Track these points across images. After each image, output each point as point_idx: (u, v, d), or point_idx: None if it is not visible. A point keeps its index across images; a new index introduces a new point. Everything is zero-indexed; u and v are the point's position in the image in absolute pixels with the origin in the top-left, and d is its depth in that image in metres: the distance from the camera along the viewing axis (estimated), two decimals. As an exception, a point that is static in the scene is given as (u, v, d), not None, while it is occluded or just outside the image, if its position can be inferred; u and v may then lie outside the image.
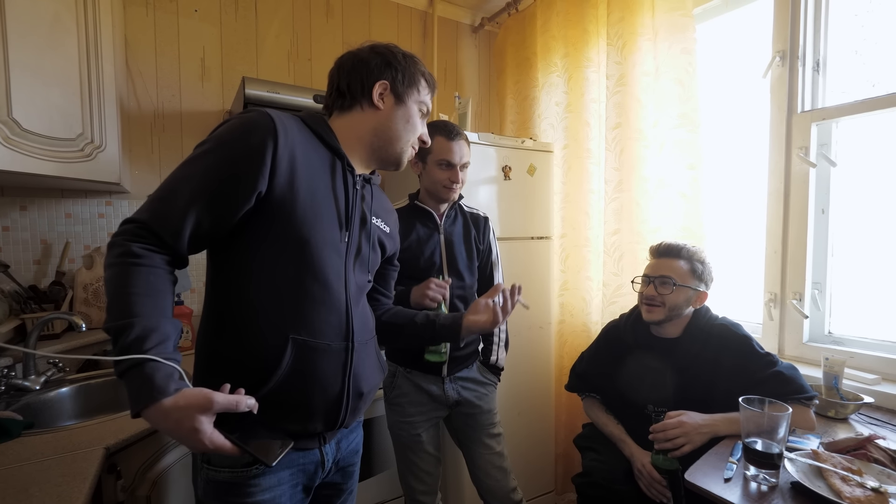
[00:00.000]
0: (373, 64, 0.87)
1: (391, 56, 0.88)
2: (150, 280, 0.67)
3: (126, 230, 0.69)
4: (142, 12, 1.73)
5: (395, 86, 0.88)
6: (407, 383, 1.35)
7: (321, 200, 0.80)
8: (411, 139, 0.92)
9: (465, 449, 1.45)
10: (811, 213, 1.44)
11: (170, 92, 1.79)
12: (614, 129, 1.75)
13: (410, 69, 0.90)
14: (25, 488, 0.80)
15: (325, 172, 0.82)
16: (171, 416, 0.63)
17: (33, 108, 1.18)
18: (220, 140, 0.74)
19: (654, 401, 1.26)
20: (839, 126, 1.42)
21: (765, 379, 1.13)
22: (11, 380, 1.26)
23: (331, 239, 0.81)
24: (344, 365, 0.82)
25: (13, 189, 1.50)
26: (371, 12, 2.22)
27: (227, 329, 0.77)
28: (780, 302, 1.51)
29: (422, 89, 0.91)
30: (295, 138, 0.78)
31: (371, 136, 0.88)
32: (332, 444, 0.87)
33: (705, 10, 1.71)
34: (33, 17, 1.17)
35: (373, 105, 0.87)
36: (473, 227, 1.43)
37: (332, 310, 0.80)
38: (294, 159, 0.77)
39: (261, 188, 0.73)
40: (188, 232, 0.71)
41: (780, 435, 0.89)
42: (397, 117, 0.89)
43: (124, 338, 0.62)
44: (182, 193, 0.70)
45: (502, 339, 1.46)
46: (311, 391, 0.78)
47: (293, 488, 0.82)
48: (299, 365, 0.76)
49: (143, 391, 0.62)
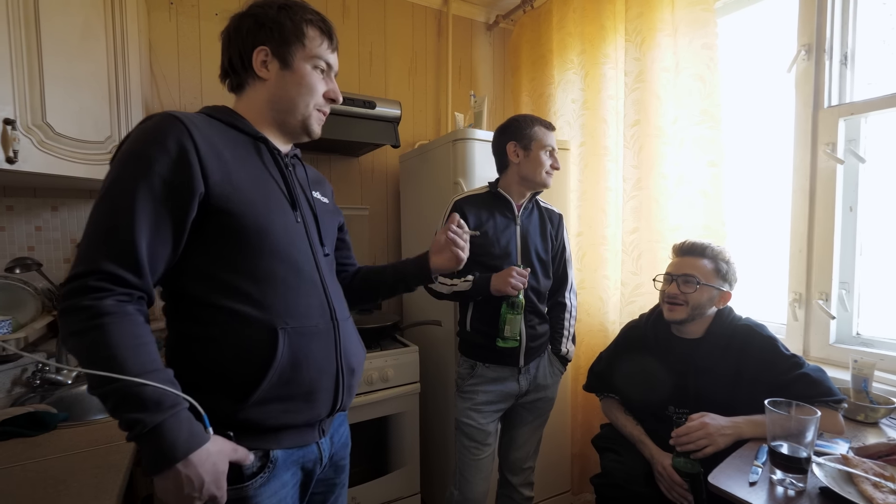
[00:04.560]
0: (245, 30, 0.78)
1: (262, 15, 0.78)
2: (134, 332, 0.63)
3: (81, 287, 0.62)
4: (165, 17, 1.77)
5: (276, 48, 0.78)
6: (484, 375, 1.39)
7: (263, 186, 0.76)
8: (312, 102, 0.82)
9: (511, 426, 1.49)
10: (838, 210, 1.40)
11: (192, 93, 1.83)
12: (633, 126, 1.72)
13: (288, 22, 0.78)
14: (64, 479, 0.83)
15: (253, 158, 0.78)
16: (211, 458, 0.65)
17: (66, 112, 1.22)
18: (134, 157, 0.66)
19: (675, 402, 1.25)
20: (868, 121, 1.38)
21: (791, 381, 1.10)
22: (45, 374, 1.31)
23: (288, 222, 0.78)
24: (334, 343, 0.81)
25: (45, 190, 1.55)
26: (386, 12, 2.23)
27: (200, 344, 0.72)
28: (805, 302, 1.47)
29: (310, 42, 0.80)
30: (209, 132, 0.72)
31: (270, 111, 0.81)
32: (326, 439, 0.85)
33: (726, 4, 1.67)
34: (65, 25, 1.21)
35: (258, 77, 0.79)
36: (549, 221, 1.48)
37: (311, 292, 0.79)
38: (219, 152, 0.71)
39: (199, 189, 0.68)
40: (147, 265, 0.65)
41: (808, 439, 0.87)
42: (287, 84, 0.80)
43: (141, 407, 0.60)
44: (125, 227, 0.63)
45: (571, 332, 1.51)
46: (311, 376, 0.76)
47: (294, 487, 0.81)
48: (294, 353, 0.74)
49: (178, 441, 0.62)
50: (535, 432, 1.50)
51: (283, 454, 0.76)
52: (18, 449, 0.95)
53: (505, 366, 1.38)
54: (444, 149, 1.73)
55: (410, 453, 1.78)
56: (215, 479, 0.65)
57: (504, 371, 1.39)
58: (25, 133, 1.14)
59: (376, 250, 2.26)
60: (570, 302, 1.52)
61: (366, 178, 2.23)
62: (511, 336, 1.29)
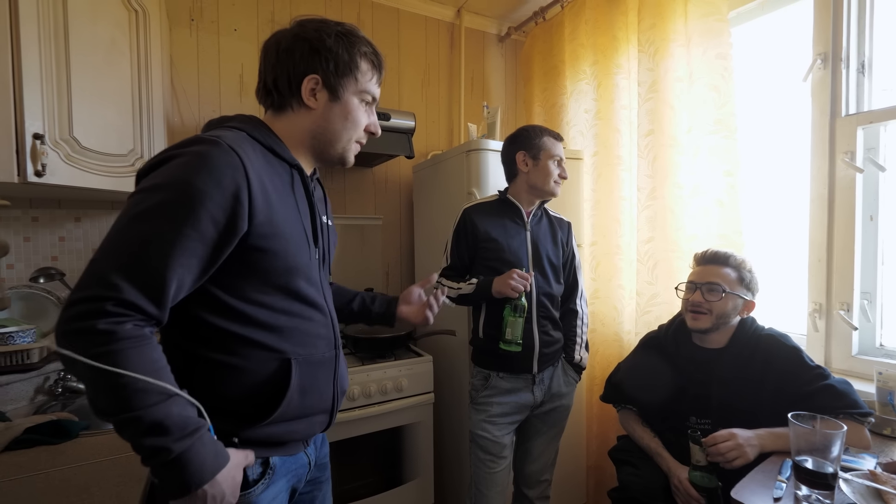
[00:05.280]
0: (298, 55, 0.75)
1: (318, 41, 0.75)
2: (153, 357, 0.61)
3: (97, 311, 0.57)
4: (186, 33, 1.82)
5: (328, 78, 0.76)
6: (498, 387, 1.38)
7: (293, 224, 0.76)
8: (354, 136, 0.82)
9: (526, 438, 1.48)
10: (858, 219, 1.38)
11: (210, 107, 1.87)
12: (646, 135, 1.72)
13: (345, 54, 0.77)
14: (87, 487, 0.84)
15: (288, 192, 0.76)
16: (230, 472, 0.66)
17: (91, 126, 1.26)
18: (186, 187, 0.62)
19: (697, 413, 1.23)
20: (887, 129, 1.36)
21: (815, 392, 1.08)
22: (67, 382, 1.33)
23: (308, 261, 0.79)
24: (334, 370, 0.84)
25: (69, 202, 1.59)
26: (400, 25, 2.27)
27: (216, 369, 0.71)
28: (825, 312, 1.45)
29: (361, 76, 0.79)
30: (259, 166, 0.70)
31: (310, 140, 0.80)
32: (312, 446, 0.88)
33: (740, 14, 1.67)
34: (93, 42, 1.25)
35: (304, 105, 0.77)
36: (559, 228, 1.50)
37: (321, 324, 0.82)
38: (266, 191, 0.70)
39: (243, 230, 0.67)
40: (171, 299, 0.62)
41: (834, 454, 0.85)
42: (334, 116, 0.79)
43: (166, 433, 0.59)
44: (159, 258, 0.60)
45: (584, 340, 1.51)
46: (313, 401, 0.80)
47: (286, 493, 0.84)
48: (303, 381, 0.77)
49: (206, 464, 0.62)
50: (552, 443, 1.49)
51: (279, 462, 0.79)
52: (42, 457, 0.96)
53: (519, 375, 1.37)
54: (458, 159, 1.74)
55: (424, 464, 1.77)
56: (234, 491, 0.67)
57: (518, 382, 1.38)
58: (53, 147, 1.18)
59: (389, 260, 2.28)
60: (582, 309, 1.52)
61: (379, 188, 2.25)
62: (513, 339, 1.28)
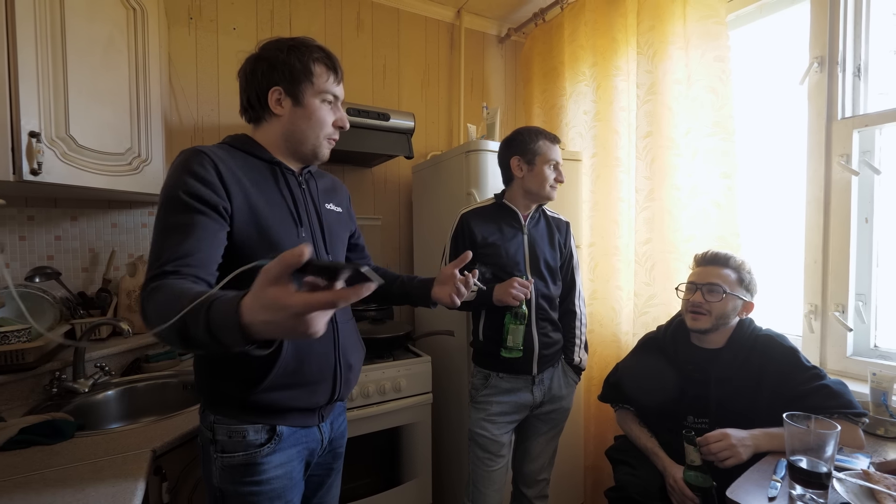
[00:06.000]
0: (260, 73, 0.88)
1: (274, 58, 0.88)
2: (185, 285, 0.68)
3: (148, 279, 0.71)
4: (184, 32, 1.81)
5: (288, 87, 0.88)
6: (498, 386, 1.39)
7: (275, 207, 0.87)
8: (321, 133, 0.93)
9: (525, 437, 1.48)
10: (854, 221, 1.39)
11: (209, 106, 1.86)
12: (645, 137, 1.73)
13: (297, 63, 0.88)
14: (82, 488, 0.84)
15: (269, 181, 0.89)
16: (259, 301, 0.51)
17: (88, 125, 1.25)
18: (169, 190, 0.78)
19: (694, 412, 1.24)
20: (883, 133, 1.37)
21: (809, 391, 1.09)
22: (63, 382, 1.32)
23: (296, 239, 0.88)
24: (333, 341, 0.92)
25: (65, 201, 1.58)
26: (400, 26, 2.27)
27: None
28: (821, 314, 1.46)
29: (317, 79, 0.89)
30: (232, 164, 0.84)
31: (284, 142, 0.92)
32: (327, 423, 0.97)
33: (738, 17, 1.68)
34: (90, 40, 1.25)
35: (274, 114, 0.90)
36: (557, 230, 1.49)
37: None
38: (239, 179, 0.83)
39: (224, 205, 0.79)
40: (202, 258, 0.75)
41: (828, 454, 0.86)
42: (299, 119, 0.90)
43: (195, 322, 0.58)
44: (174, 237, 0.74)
45: (583, 341, 1.51)
46: (312, 370, 0.88)
47: (300, 463, 0.92)
48: (297, 351, 0.85)
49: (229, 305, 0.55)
50: (550, 443, 1.49)
51: (287, 431, 0.89)
52: (37, 457, 0.96)
53: (518, 376, 1.38)
54: (458, 160, 1.74)
55: (423, 464, 1.77)
56: (271, 301, 0.50)
57: (518, 382, 1.38)
58: (49, 145, 1.17)
59: (388, 260, 2.28)
60: (580, 309, 1.53)
61: (378, 188, 2.25)
62: (514, 346, 1.29)
